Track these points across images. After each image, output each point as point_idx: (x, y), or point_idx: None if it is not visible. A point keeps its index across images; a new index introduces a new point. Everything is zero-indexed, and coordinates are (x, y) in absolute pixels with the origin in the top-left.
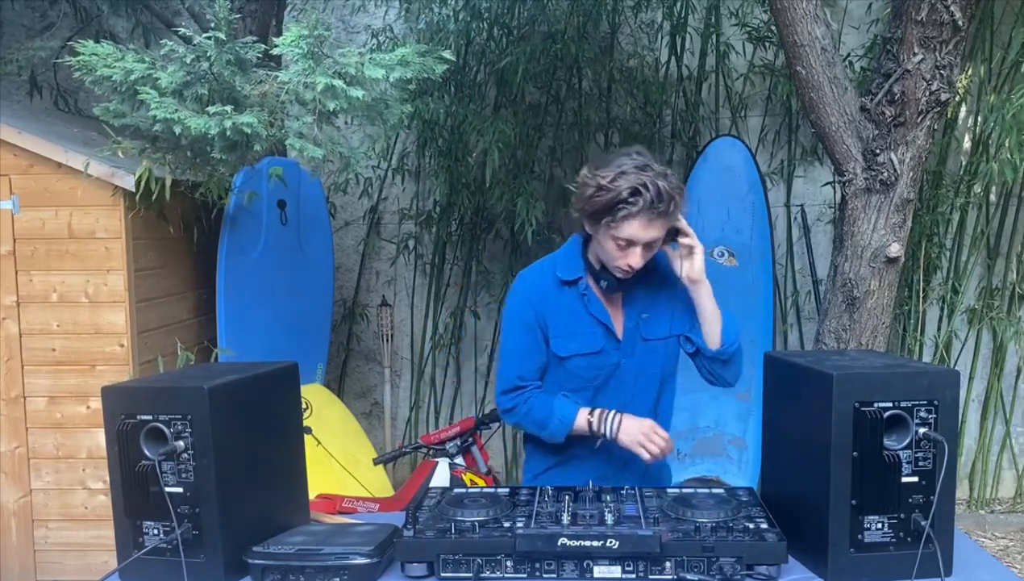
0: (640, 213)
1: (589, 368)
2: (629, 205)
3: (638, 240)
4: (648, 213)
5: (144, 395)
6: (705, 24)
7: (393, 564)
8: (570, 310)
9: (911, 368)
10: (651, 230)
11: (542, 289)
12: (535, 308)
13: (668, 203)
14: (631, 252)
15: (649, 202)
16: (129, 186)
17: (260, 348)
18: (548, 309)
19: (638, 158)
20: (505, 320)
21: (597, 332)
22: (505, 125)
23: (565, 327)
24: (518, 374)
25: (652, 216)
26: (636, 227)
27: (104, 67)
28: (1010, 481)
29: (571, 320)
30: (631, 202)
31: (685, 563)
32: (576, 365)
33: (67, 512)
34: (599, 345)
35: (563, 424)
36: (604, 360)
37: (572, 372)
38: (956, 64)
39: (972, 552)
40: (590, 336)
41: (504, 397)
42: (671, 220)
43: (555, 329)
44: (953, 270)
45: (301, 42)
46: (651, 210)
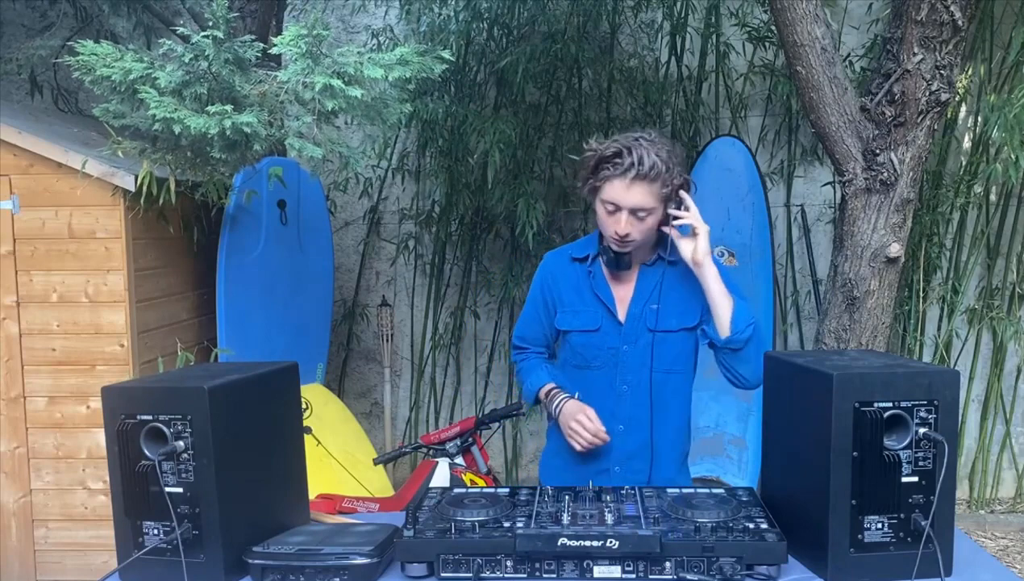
0: (620, 174)
1: (588, 347)
2: (611, 166)
3: (621, 203)
4: (628, 174)
5: (144, 395)
6: (705, 24)
7: (393, 564)
8: (577, 287)
9: (911, 368)
10: (633, 194)
11: (557, 267)
12: (546, 284)
13: (651, 169)
14: (617, 217)
15: (629, 164)
16: (129, 186)
17: (260, 348)
18: (559, 285)
19: (637, 132)
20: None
21: (598, 311)
22: (506, 125)
23: (571, 303)
24: (520, 335)
25: (633, 177)
26: (618, 188)
27: (103, 67)
28: (1010, 481)
29: (576, 297)
30: (614, 163)
31: (685, 563)
32: (576, 341)
33: (67, 512)
34: (597, 323)
35: (529, 390)
36: (602, 340)
37: (575, 348)
38: (956, 64)
39: (972, 552)
40: (591, 314)
41: (513, 350)
42: (661, 189)
43: (562, 305)
44: (953, 270)
45: (300, 41)
46: (631, 172)
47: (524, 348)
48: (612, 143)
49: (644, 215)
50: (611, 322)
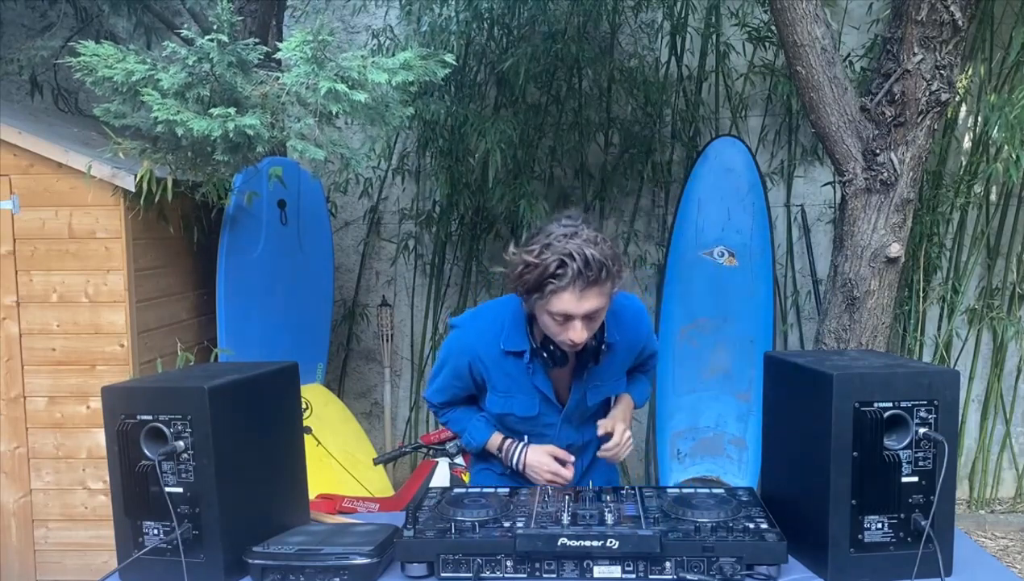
0: (569, 285)
1: (522, 424)
2: (556, 279)
3: (573, 313)
4: (579, 283)
5: (144, 395)
6: (705, 24)
7: (393, 564)
8: (513, 376)
9: (911, 368)
10: (585, 302)
11: (486, 352)
12: (471, 366)
13: (599, 271)
14: (570, 327)
15: (577, 272)
16: (129, 186)
17: (260, 348)
18: (489, 369)
19: (567, 225)
20: (442, 353)
21: (535, 399)
22: (506, 126)
23: (504, 388)
24: (442, 401)
25: (583, 286)
26: (568, 300)
27: (105, 68)
28: (1010, 481)
29: (511, 384)
30: (559, 275)
31: (685, 563)
32: (511, 421)
33: (67, 512)
34: (535, 410)
35: (475, 442)
36: (540, 421)
37: (508, 423)
38: (956, 64)
39: (972, 552)
40: (528, 402)
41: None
42: (611, 288)
43: (493, 387)
44: (953, 270)
45: (305, 47)
46: (581, 280)
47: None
48: (546, 250)
49: (596, 315)
50: (550, 407)
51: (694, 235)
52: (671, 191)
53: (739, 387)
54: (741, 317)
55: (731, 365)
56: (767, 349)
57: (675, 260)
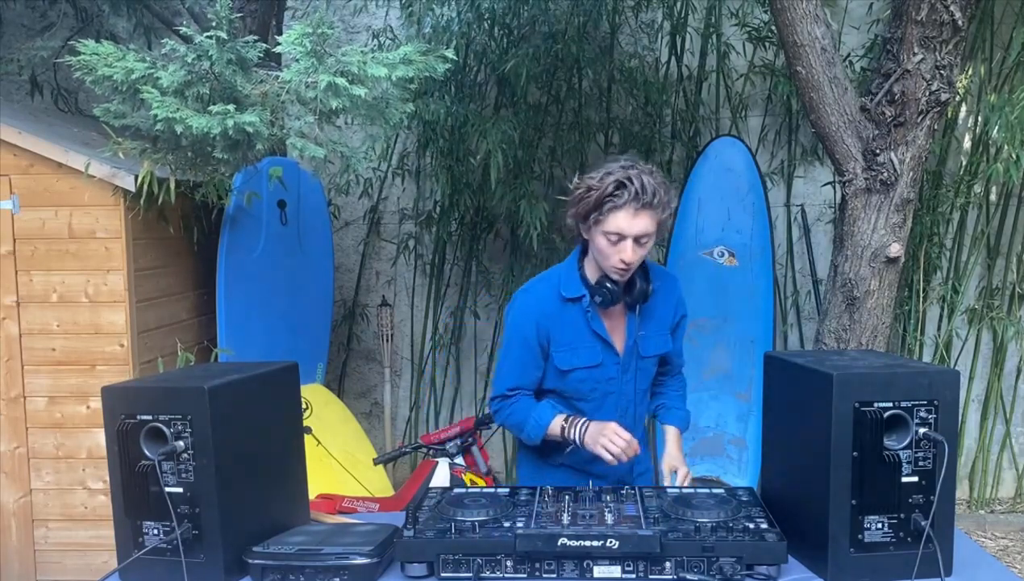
0: (626, 204)
1: (588, 380)
2: (615, 198)
3: (627, 233)
4: (633, 204)
5: (144, 395)
6: (705, 24)
7: (393, 564)
8: (573, 325)
9: (911, 368)
10: (638, 222)
11: (546, 306)
12: (538, 325)
13: (653, 195)
14: (622, 247)
15: (634, 194)
16: (129, 186)
17: (260, 348)
18: (552, 325)
19: (625, 161)
20: (507, 331)
21: (596, 347)
22: (507, 126)
23: (568, 342)
24: (511, 386)
25: (637, 207)
26: (623, 218)
27: (105, 67)
28: (1010, 481)
29: (574, 335)
30: (617, 195)
31: (685, 563)
32: (577, 378)
33: (67, 512)
34: (599, 359)
35: (539, 427)
36: (603, 373)
37: (573, 384)
38: (956, 64)
39: (972, 552)
40: (590, 350)
41: (495, 402)
42: (661, 214)
43: (558, 344)
44: (953, 270)
45: (304, 40)
46: (636, 201)
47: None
48: (607, 176)
49: (645, 241)
50: (611, 356)
51: (694, 235)
52: None
53: (739, 387)
54: (741, 317)
55: (731, 365)
56: (767, 349)
57: (675, 260)
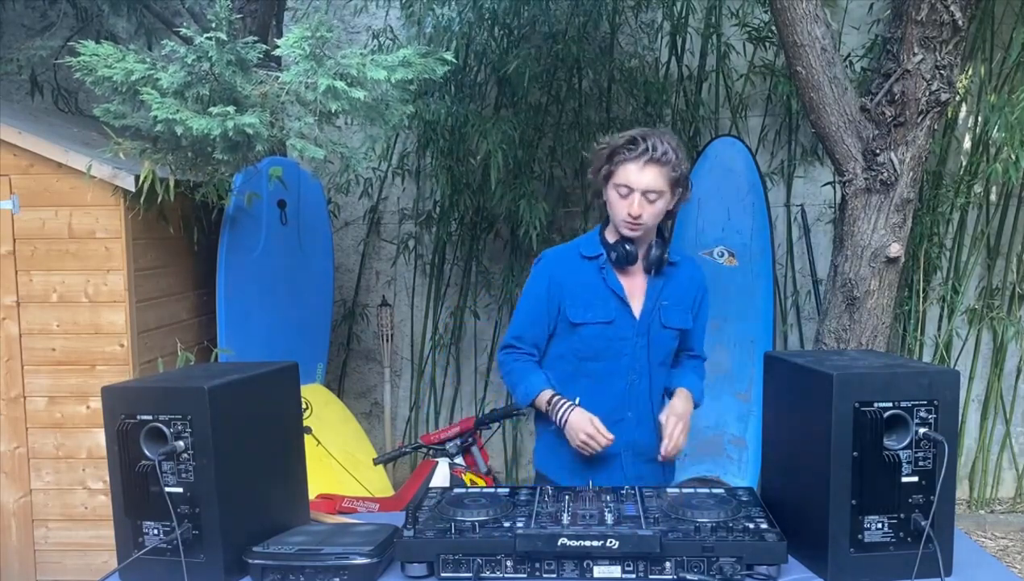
0: (634, 159)
1: (600, 338)
2: (626, 151)
3: (634, 185)
4: (642, 158)
5: (144, 395)
6: (705, 24)
7: (393, 564)
8: (588, 281)
9: (911, 368)
10: (646, 176)
11: (564, 261)
12: (552, 277)
13: (663, 154)
14: (630, 199)
15: (643, 149)
16: (130, 186)
17: (260, 348)
18: (566, 278)
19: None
20: (525, 287)
21: (611, 304)
22: (508, 126)
23: (582, 296)
24: (516, 335)
25: (646, 161)
26: (631, 171)
27: (105, 68)
28: (1010, 481)
29: (588, 291)
30: (628, 148)
31: (685, 563)
32: (589, 333)
33: (67, 512)
34: (612, 315)
35: (527, 395)
36: (616, 332)
37: (585, 340)
38: (956, 64)
39: (972, 552)
40: (604, 306)
41: (501, 351)
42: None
43: (571, 298)
44: (953, 270)
45: (303, 43)
46: (645, 155)
47: (517, 348)
48: (624, 133)
49: (654, 198)
50: (625, 315)
51: (694, 235)
52: None
53: (739, 387)
54: (741, 317)
55: (731, 365)
56: (767, 349)
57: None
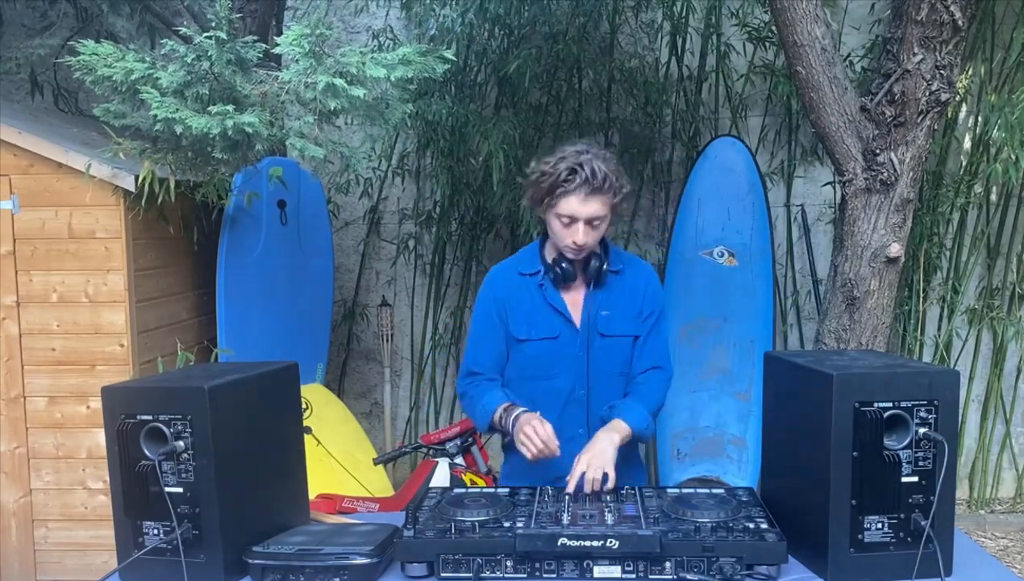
0: (577, 189)
1: (546, 353)
2: (567, 183)
3: (578, 215)
4: (584, 189)
5: (144, 395)
6: (705, 24)
7: (393, 564)
8: (529, 299)
9: (911, 368)
10: (589, 206)
11: (505, 281)
12: (496, 298)
13: (604, 180)
14: (574, 229)
15: (584, 178)
16: (130, 186)
17: (260, 348)
18: (509, 297)
19: (580, 145)
20: (474, 311)
21: (555, 320)
22: (508, 127)
23: (524, 314)
24: (474, 360)
25: (588, 192)
26: (574, 202)
27: (105, 67)
28: (1010, 481)
29: (530, 308)
30: (568, 180)
31: (685, 563)
32: (534, 349)
33: (67, 512)
34: (556, 331)
35: (485, 414)
36: (561, 347)
37: (531, 357)
38: (956, 64)
39: (972, 552)
40: (547, 323)
41: (461, 381)
42: (612, 199)
43: (514, 315)
44: (953, 270)
45: (303, 41)
46: (587, 186)
47: (477, 374)
48: (560, 161)
49: (598, 223)
50: (568, 329)
51: (694, 235)
52: (671, 191)
53: (739, 387)
54: (741, 317)
55: (731, 365)
56: (767, 349)
57: (675, 260)
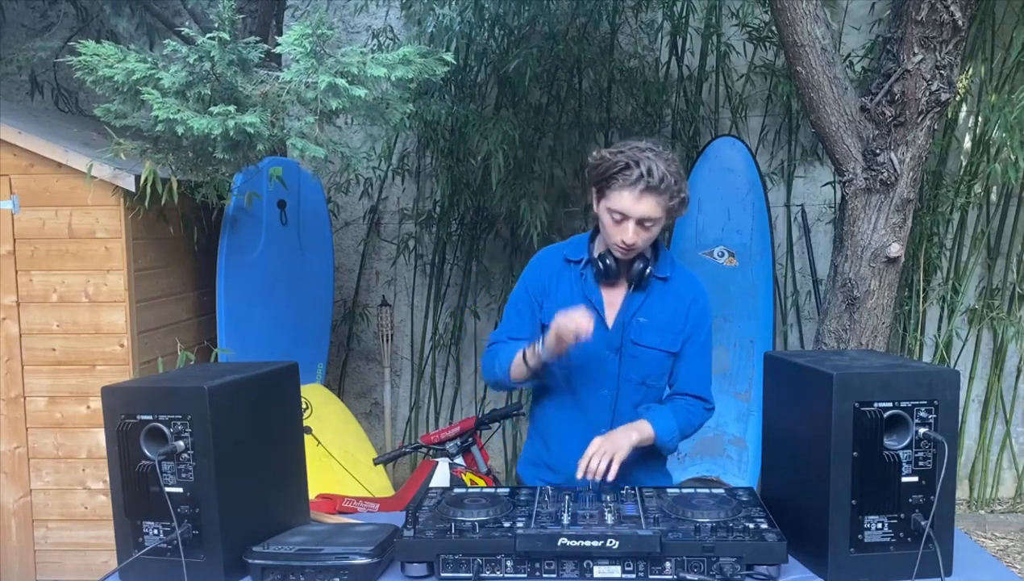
0: (631, 185)
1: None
2: (622, 176)
3: (629, 213)
4: (638, 186)
5: (144, 395)
6: (705, 24)
7: (393, 564)
8: (568, 286)
9: (911, 368)
10: (641, 205)
11: (550, 263)
12: (538, 277)
13: (660, 181)
14: (624, 227)
15: (639, 176)
16: (130, 187)
17: (260, 348)
18: (550, 281)
19: (645, 142)
20: (513, 290)
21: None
22: (508, 127)
23: (559, 300)
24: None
25: (642, 189)
26: (627, 199)
27: (106, 67)
28: (1010, 481)
29: (566, 295)
30: (624, 174)
31: (685, 563)
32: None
33: (67, 512)
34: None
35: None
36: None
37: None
38: (956, 64)
39: (972, 552)
40: None
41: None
42: (668, 202)
43: (549, 300)
44: (953, 270)
45: (304, 41)
46: (641, 183)
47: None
48: (620, 154)
49: (650, 225)
50: (599, 327)
51: (694, 235)
52: None
53: (739, 387)
54: (741, 317)
55: (731, 365)
56: (767, 349)
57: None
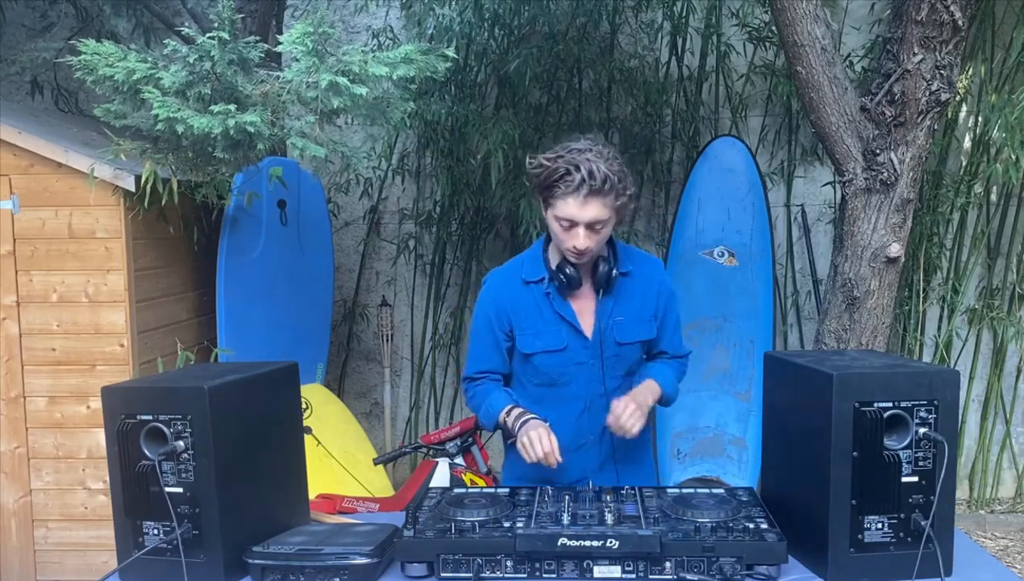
0: (574, 191)
1: (555, 365)
2: (563, 183)
3: (577, 219)
4: (581, 191)
5: (144, 395)
6: (705, 24)
7: (393, 564)
8: (536, 309)
9: (911, 368)
10: (588, 209)
11: (508, 289)
12: (498, 308)
13: (603, 182)
14: (574, 233)
15: (580, 180)
16: (130, 187)
17: (260, 348)
18: (514, 308)
19: (584, 142)
20: (473, 316)
21: (562, 330)
22: (508, 126)
23: (531, 325)
24: (476, 369)
25: (586, 193)
26: (572, 206)
27: (106, 67)
28: (1010, 481)
29: (537, 318)
30: (565, 180)
31: (685, 563)
32: (542, 362)
33: (67, 512)
34: (564, 342)
35: (489, 415)
36: (570, 357)
37: (538, 368)
38: (956, 64)
39: (972, 552)
40: (555, 334)
41: (464, 383)
42: (615, 201)
43: (520, 327)
44: (953, 270)
45: (306, 39)
46: (584, 187)
47: (481, 379)
48: (559, 160)
49: (600, 227)
50: (577, 339)
51: (694, 235)
52: (671, 191)
53: (739, 387)
54: (741, 317)
55: (731, 365)
56: (767, 349)
57: (675, 260)
